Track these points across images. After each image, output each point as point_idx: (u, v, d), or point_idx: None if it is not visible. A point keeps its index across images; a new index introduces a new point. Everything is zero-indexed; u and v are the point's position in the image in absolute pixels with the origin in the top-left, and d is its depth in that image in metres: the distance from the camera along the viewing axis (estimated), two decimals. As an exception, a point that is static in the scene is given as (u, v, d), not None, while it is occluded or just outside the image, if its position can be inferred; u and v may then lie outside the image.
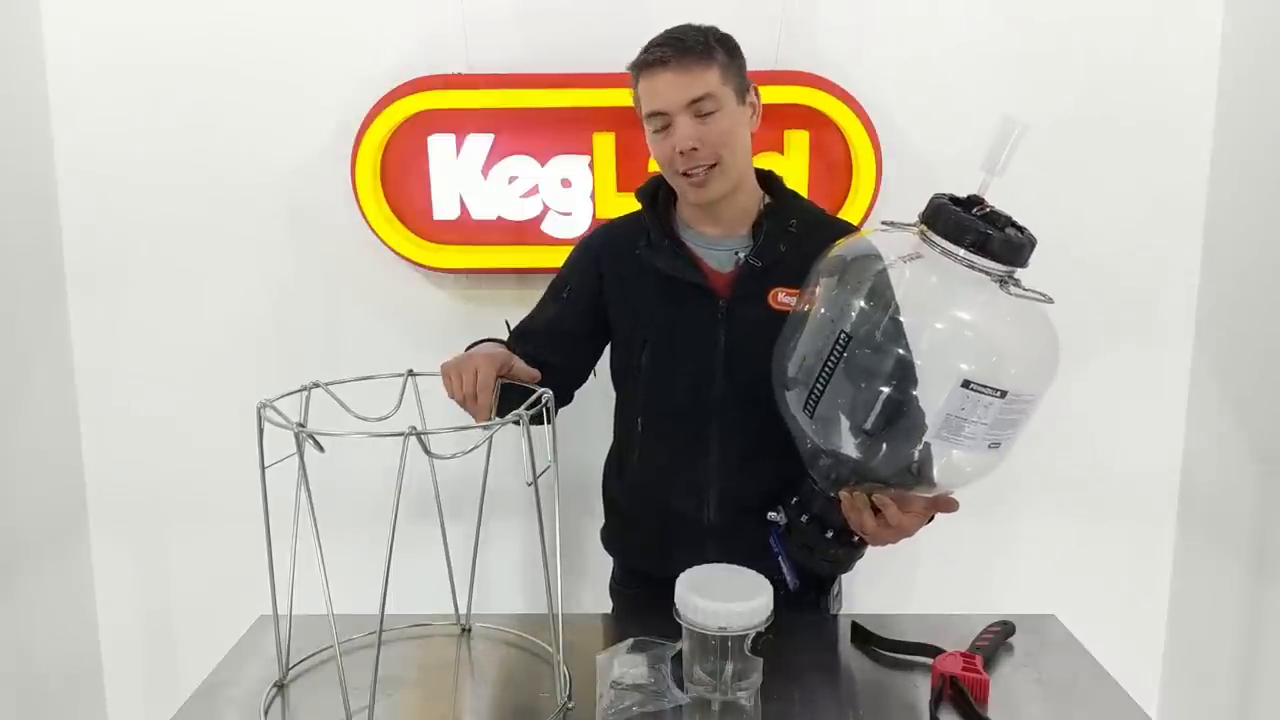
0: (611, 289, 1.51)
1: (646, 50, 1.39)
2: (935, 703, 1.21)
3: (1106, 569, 2.19)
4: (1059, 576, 2.17)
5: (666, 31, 1.40)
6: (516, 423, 1.12)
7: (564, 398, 1.57)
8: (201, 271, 2.11)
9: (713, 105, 1.36)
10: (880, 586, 1.97)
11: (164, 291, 2.12)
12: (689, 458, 1.47)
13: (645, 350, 1.47)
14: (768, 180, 1.51)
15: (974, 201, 1.14)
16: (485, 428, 1.17)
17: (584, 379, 1.59)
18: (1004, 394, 1.09)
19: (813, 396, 1.19)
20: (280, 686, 1.26)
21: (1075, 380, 2.08)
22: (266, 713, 1.21)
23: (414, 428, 1.05)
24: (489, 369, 1.31)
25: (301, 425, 1.11)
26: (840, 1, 2.00)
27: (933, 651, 1.30)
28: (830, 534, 1.30)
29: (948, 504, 1.26)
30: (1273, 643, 1.88)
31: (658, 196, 1.51)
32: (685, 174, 1.39)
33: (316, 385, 1.26)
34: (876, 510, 1.24)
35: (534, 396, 1.21)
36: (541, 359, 1.44)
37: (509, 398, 1.32)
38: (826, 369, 1.17)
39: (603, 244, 1.55)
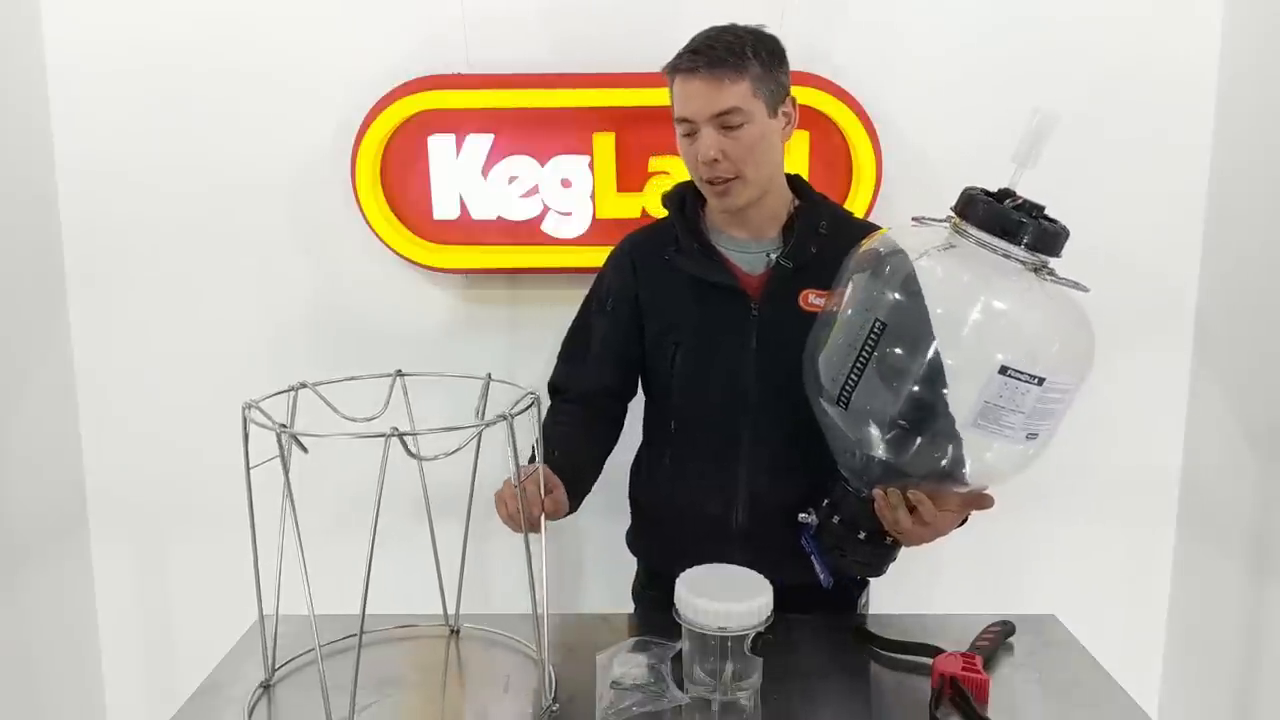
0: (644, 293, 1.51)
1: (681, 54, 1.37)
2: (935, 703, 1.21)
3: (1107, 569, 2.19)
4: (1059, 576, 2.17)
5: (706, 34, 1.38)
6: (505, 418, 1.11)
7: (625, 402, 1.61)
8: (202, 271, 2.11)
9: (740, 119, 1.35)
10: (880, 587, 1.96)
11: (164, 292, 2.12)
12: (721, 460, 1.46)
13: (678, 353, 1.47)
14: (795, 184, 1.52)
15: (1005, 194, 1.16)
16: (488, 425, 1.16)
17: (633, 387, 1.60)
18: (1041, 381, 1.10)
19: (846, 387, 1.19)
20: (267, 687, 1.26)
21: (1075, 380, 2.08)
22: (251, 713, 1.21)
23: (395, 428, 1.04)
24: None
25: (284, 426, 1.11)
26: (840, 2, 2.00)
27: (933, 651, 1.30)
28: (863, 535, 1.30)
29: (983, 500, 1.26)
30: (1273, 643, 1.88)
31: (685, 201, 1.51)
32: (709, 181, 1.40)
33: (304, 385, 1.25)
34: (911, 508, 1.24)
35: (521, 396, 1.21)
36: (599, 380, 1.54)
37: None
38: (861, 359, 1.17)
39: (633, 249, 1.56)
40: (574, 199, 2.00)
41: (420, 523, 1.36)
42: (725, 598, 1.16)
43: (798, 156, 1.96)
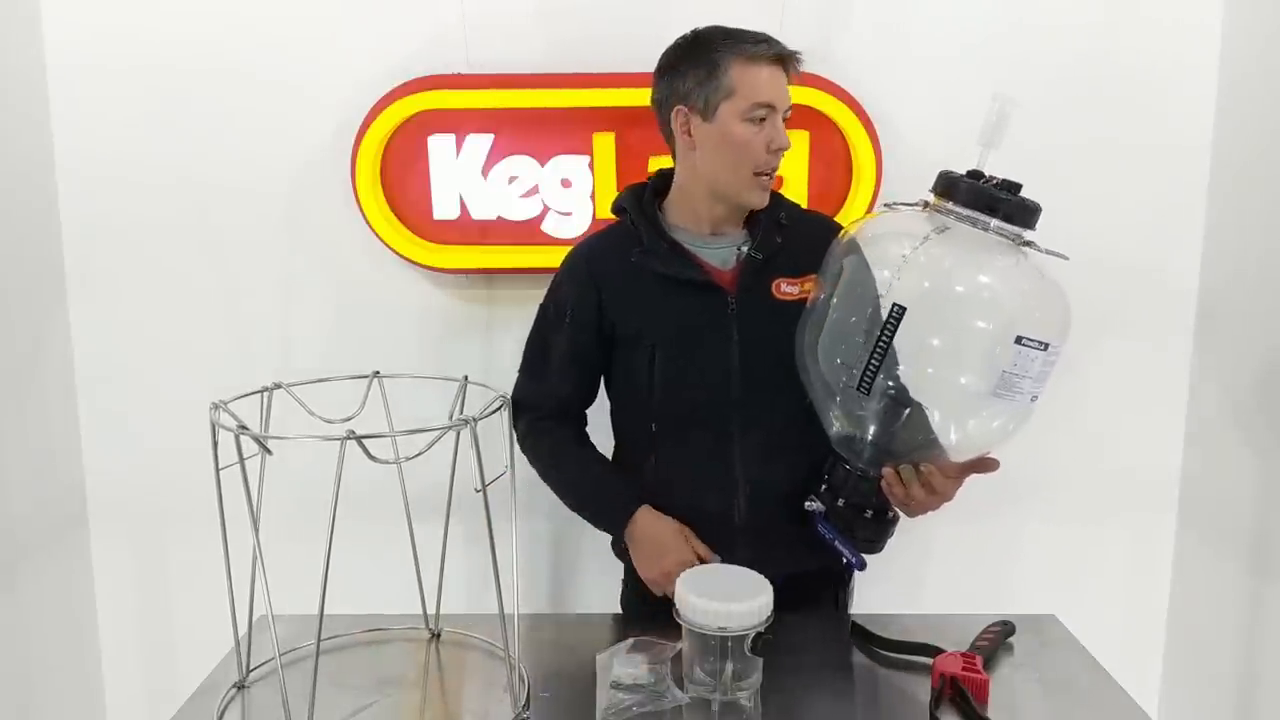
0: (608, 299, 1.50)
1: (756, 38, 1.39)
2: (935, 703, 1.21)
3: (1106, 569, 2.19)
4: (1059, 576, 2.17)
5: (750, 31, 1.41)
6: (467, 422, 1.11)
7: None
8: (201, 271, 2.11)
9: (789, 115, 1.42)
10: (880, 586, 1.96)
11: (164, 291, 2.12)
12: (714, 454, 1.46)
13: (657, 355, 1.47)
14: None
15: (978, 175, 1.19)
16: (449, 428, 1.14)
17: (596, 392, 1.60)
18: (1046, 346, 1.15)
19: (868, 373, 1.21)
20: (240, 688, 1.26)
21: (1075, 379, 2.08)
22: (223, 715, 1.21)
23: (352, 431, 1.03)
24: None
25: (244, 427, 1.10)
26: (840, 1, 2.00)
27: (933, 651, 1.30)
28: (869, 514, 1.32)
29: (987, 464, 1.29)
30: (1273, 643, 1.88)
31: (642, 202, 1.51)
32: (765, 173, 1.42)
33: (278, 386, 1.25)
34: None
35: (491, 400, 1.20)
36: (567, 391, 1.54)
37: None
38: (880, 345, 1.19)
39: (591, 256, 1.54)
40: (574, 199, 2.00)
41: (408, 525, 1.35)
42: (725, 598, 1.16)
43: (798, 157, 1.96)
